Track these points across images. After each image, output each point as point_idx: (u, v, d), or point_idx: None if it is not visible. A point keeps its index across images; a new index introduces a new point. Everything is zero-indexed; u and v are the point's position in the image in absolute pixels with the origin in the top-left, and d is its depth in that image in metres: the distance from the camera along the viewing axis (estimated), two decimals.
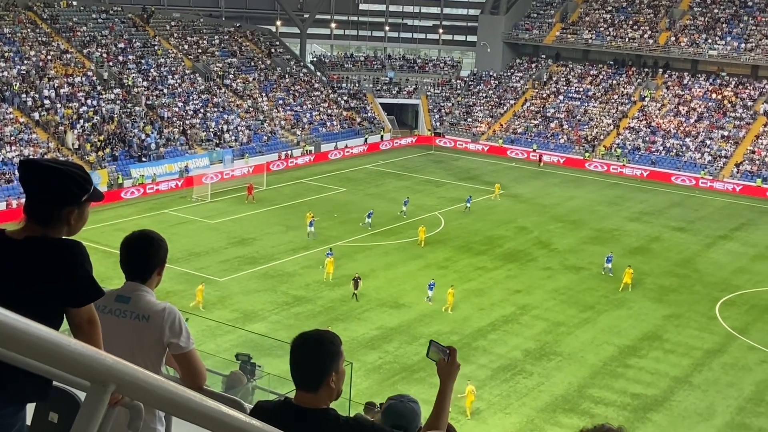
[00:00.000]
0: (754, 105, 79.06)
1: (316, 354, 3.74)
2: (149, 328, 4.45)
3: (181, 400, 2.34)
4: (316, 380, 3.71)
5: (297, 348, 3.76)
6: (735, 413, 32.38)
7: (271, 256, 47.95)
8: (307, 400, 3.71)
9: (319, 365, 3.72)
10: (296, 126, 78.45)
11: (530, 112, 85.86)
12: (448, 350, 4.41)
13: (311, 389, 3.71)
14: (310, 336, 3.79)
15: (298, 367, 3.75)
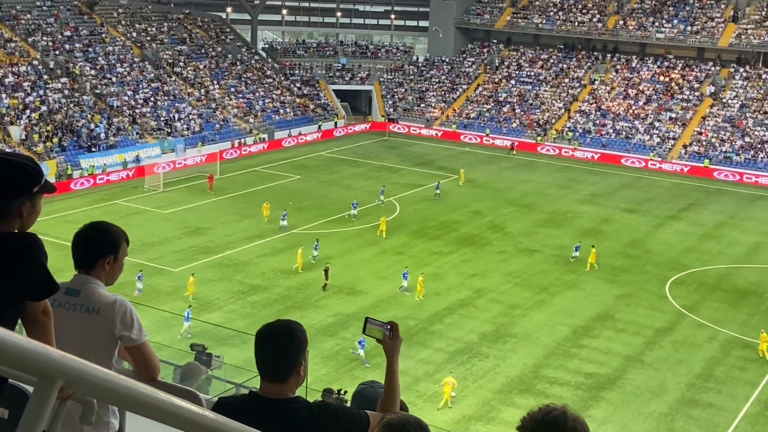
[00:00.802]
0: (700, 87, 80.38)
1: (286, 344, 3.74)
2: (100, 321, 4.42)
3: (130, 393, 2.36)
4: (286, 370, 3.71)
5: (265, 339, 3.74)
6: (685, 389, 33.08)
7: (226, 245, 47.68)
8: (275, 390, 3.71)
9: (288, 355, 3.72)
10: (249, 114, 77.91)
11: (483, 97, 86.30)
12: (388, 325, 4.37)
13: (280, 379, 3.71)
14: (278, 326, 3.78)
15: (266, 358, 3.72)
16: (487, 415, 30.63)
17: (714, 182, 68.08)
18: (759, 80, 79.21)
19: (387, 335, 4.33)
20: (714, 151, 72.54)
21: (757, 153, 71.36)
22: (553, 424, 3.01)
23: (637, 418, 30.77)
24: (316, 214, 53.91)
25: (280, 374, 3.70)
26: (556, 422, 3.02)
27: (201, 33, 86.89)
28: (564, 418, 3.02)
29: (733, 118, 75.62)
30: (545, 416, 3.05)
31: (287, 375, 3.70)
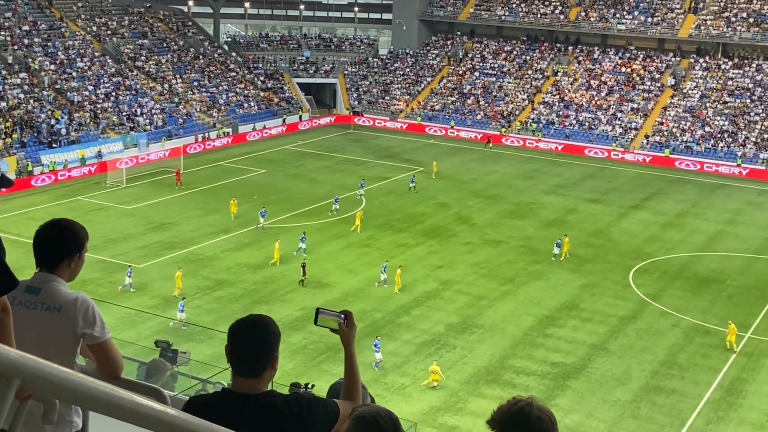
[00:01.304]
0: (661, 77, 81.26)
1: (261, 339, 3.71)
2: (61, 319, 4.37)
3: (90, 391, 2.34)
4: (261, 365, 3.69)
5: (240, 334, 3.70)
6: (649, 377, 33.52)
7: (190, 240, 47.37)
8: (249, 385, 3.68)
9: (263, 350, 3.69)
10: (212, 108, 77.38)
11: (447, 89, 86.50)
12: (342, 314, 4.34)
13: (255, 374, 3.69)
14: (252, 321, 3.75)
15: (241, 353, 3.69)
16: (455, 406, 30.80)
17: (675, 172, 68.93)
18: (718, 71, 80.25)
19: (342, 324, 4.30)
20: (675, 141, 73.41)
21: (717, 142, 72.34)
22: (519, 416, 3.09)
23: (603, 405, 31.13)
24: (282, 207, 53.74)
25: (255, 369, 3.69)
26: (522, 413, 3.09)
27: (162, 27, 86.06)
28: (529, 409, 3.09)
29: (694, 108, 76.57)
30: (511, 408, 3.12)
31: (262, 370, 3.69)
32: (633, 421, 30.19)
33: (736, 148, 71.15)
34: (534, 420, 3.06)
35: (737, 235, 52.11)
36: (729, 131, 73.27)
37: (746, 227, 53.99)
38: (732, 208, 58.56)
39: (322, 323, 4.33)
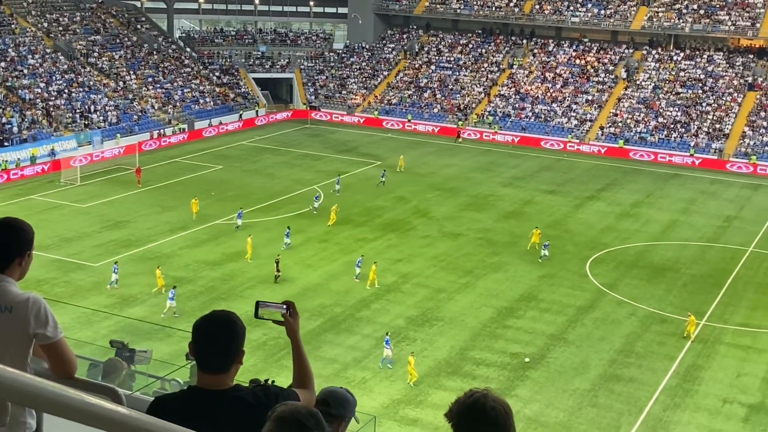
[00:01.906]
0: (614, 69, 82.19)
1: (228, 334, 3.68)
2: (13, 320, 4.30)
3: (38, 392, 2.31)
4: (229, 360, 3.67)
5: (207, 331, 3.67)
6: (607, 365, 33.94)
7: (147, 238, 46.90)
8: (216, 381, 3.66)
9: (230, 345, 3.67)
10: (168, 104, 76.60)
11: (404, 83, 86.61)
12: (285, 305, 4.31)
13: (222, 370, 3.66)
14: (218, 317, 3.72)
15: (208, 350, 3.66)
16: (415, 398, 30.91)
17: (630, 162, 69.79)
18: (670, 62, 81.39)
19: (286, 314, 4.26)
20: (629, 132, 74.34)
21: (671, 133, 73.39)
22: (474, 407, 3.13)
23: (562, 395, 31.45)
24: (239, 204, 53.38)
25: (223, 365, 3.66)
26: (477, 404, 3.13)
27: (115, 22, 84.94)
28: (484, 400, 3.15)
29: (647, 100, 77.58)
30: (467, 400, 3.18)
31: (229, 365, 3.68)
32: (592, 409, 30.56)
33: (689, 138, 72.25)
34: (489, 411, 3.12)
35: (691, 224, 52.95)
36: (682, 122, 74.37)
37: (699, 216, 54.88)
38: (685, 197, 59.48)
39: (265, 316, 4.28)
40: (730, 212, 56.04)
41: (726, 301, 40.74)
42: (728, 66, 79.50)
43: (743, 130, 72.18)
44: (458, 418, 3.15)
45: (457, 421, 3.15)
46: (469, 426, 3.13)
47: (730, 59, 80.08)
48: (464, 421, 3.13)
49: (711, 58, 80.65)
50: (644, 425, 29.62)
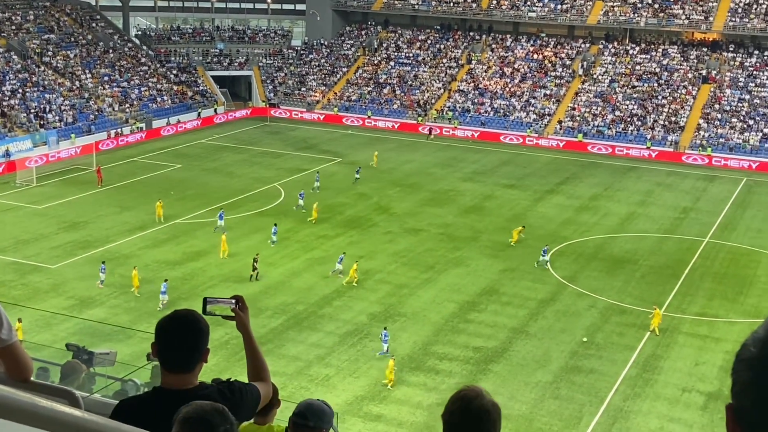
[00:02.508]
0: (572, 64, 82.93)
1: (194, 333, 3.66)
2: None
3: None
4: (194, 359, 3.64)
5: (172, 330, 3.64)
6: (568, 357, 34.27)
7: (106, 238, 46.36)
8: (182, 381, 3.62)
9: (196, 343, 3.64)
10: (125, 103, 75.75)
11: (363, 79, 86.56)
12: (234, 300, 4.28)
13: (187, 369, 3.63)
14: (183, 316, 3.69)
15: (174, 349, 3.62)
16: (379, 394, 30.95)
17: (588, 156, 70.47)
18: (626, 56, 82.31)
19: (236, 309, 4.24)
20: (587, 125, 75.07)
21: (627, 126, 74.25)
22: (470, 407, 3.16)
23: (525, 388, 31.70)
24: (199, 203, 53.04)
25: (188, 364, 3.63)
26: (472, 404, 3.17)
27: (69, 21, 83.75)
28: (480, 401, 3.19)
29: (604, 93, 78.39)
30: (463, 400, 3.19)
31: (194, 364, 3.65)
32: (554, 401, 30.84)
33: (646, 132, 73.17)
34: (483, 412, 3.15)
35: (648, 216, 53.64)
36: (638, 115, 75.28)
37: (657, 208, 55.61)
38: (643, 189, 60.22)
39: (215, 311, 4.24)
40: (687, 204, 56.87)
41: (683, 291, 41.35)
42: (683, 59, 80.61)
43: (698, 123, 73.25)
44: (451, 416, 3.16)
45: (450, 419, 3.17)
46: (463, 426, 3.14)
47: (685, 53, 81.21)
48: (458, 420, 3.15)
49: (666, 51, 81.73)
50: (605, 415, 29.97)
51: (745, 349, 1.83)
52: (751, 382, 1.77)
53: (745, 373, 1.79)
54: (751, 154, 68.98)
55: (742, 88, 76.14)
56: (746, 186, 62.04)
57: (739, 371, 1.81)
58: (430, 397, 30.79)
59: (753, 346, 1.80)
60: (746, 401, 1.78)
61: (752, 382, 1.77)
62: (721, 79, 77.47)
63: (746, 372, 1.79)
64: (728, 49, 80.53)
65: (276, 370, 32.20)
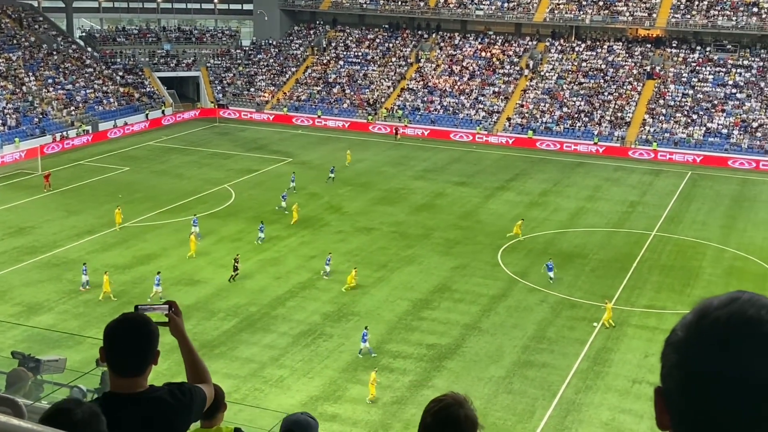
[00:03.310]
0: (519, 61, 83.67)
1: (142, 335, 3.62)
2: None
3: None
4: (145, 362, 3.61)
5: (120, 334, 3.60)
6: (521, 352, 34.59)
7: (53, 243, 45.59)
8: (132, 384, 3.58)
9: (146, 346, 3.60)
10: (70, 105, 74.54)
11: (312, 79, 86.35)
12: (167, 305, 4.26)
13: (138, 372, 3.60)
14: (133, 318, 3.64)
15: (124, 352, 3.58)
16: (334, 394, 30.92)
17: (537, 152, 71.19)
18: (572, 53, 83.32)
19: (170, 314, 4.20)
20: (536, 122, 75.82)
21: (575, 122, 75.16)
22: (449, 417, 3.15)
23: (478, 383, 31.92)
24: (148, 206, 52.42)
25: (139, 367, 3.59)
26: (450, 413, 3.16)
27: (11, 23, 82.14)
28: (458, 410, 3.17)
29: (551, 90, 79.25)
30: (441, 408, 3.18)
31: (145, 367, 3.61)
32: (507, 396, 31.11)
33: (593, 127, 74.13)
34: (462, 421, 3.15)
35: (597, 211, 54.36)
36: (585, 111, 76.24)
37: (605, 202, 56.38)
38: (591, 184, 61.00)
39: None
40: (634, 198, 57.76)
41: (632, 284, 41.99)
42: (628, 56, 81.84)
43: (644, 118, 74.45)
44: (431, 427, 3.16)
45: (426, 425, 3.16)
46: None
47: (630, 49, 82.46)
48: (434, 427, 3.15)
49: (611, 48, 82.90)
50: (558, 408, 30.32)
51: (674, 333, 1.89)
52: (677, 365, 1.84)
53: (671, 356, 1.86)
54: (695, 148, 70.31)
55: (685, 83, 77.57)
56: (691, 179, 63.22)
57: (666, 354, 1.88)
58: (384, 395, 30.84)
59: (680, 330, 1.87)
60: (672, 383, 1.85)
61: (678, 364, 1.84)
62: (665, 75, 78.85)
63: (673, 355, 1.86)
64: (671, 45, 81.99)
65: (229, 373, 31.99)
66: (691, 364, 1.81)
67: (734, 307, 1.81)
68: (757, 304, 1.81)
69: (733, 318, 1.79)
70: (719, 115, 73.41)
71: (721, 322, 1.80)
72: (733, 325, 1.79)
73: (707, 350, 1.79)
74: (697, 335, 1.82)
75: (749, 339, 1.76)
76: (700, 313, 1.84)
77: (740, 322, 1.78)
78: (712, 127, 72.37)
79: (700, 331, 1.82)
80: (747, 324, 1.78)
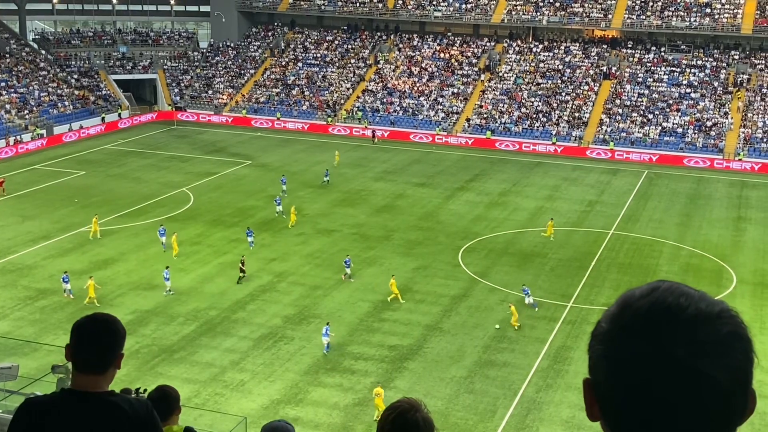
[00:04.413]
0: (478, 62, 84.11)
1: (108, 334, 3.60)
2: None
3: None
4: (107, 361, 3.58)
5: (88, 329, 3.59)
6: (482, 352, 34.72)
7: (7, 249, 44.82)
8: (93, 383, 3.55)
9: (110, 345, 3.59)
10: (24, 109, 73.36)
11: (271, 81, 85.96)
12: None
13: (99, 371, 3.56)
14: (100, 317, 3.65)
15: (89, 349, 3.56)
16: (295, 397, 30.77)
17: (496, 152, 71.58)
18: (530, 53, 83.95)
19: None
20: (494, 122, 76.23)
21: (533, 122, 75.72)
22: (405, 422, 3.19)
23: (440, 383, 31.96)
24: (105, 210, 51.74)
25: (99, 365, 3.57)
26: (407, 418, 3.20)
27: None
28: (414, 414, 3.21)
29: (510, 91, 79.76)
30: (398, 414, 3.21)
31: (106, 366, 3.59)
32: (468, 395, 31.19)
33: (551, 127, 74.74)
34: (420, 424, 3.19)
35: (556, 210, 54.75)
36: (543, 111, 76.84)
37: (563, 202, 56.85)
38: (550, 184, 61.46)
39: None
40: (592, 197, 58.32)
41: (591, 282, 42.37)
42: (584, 56, 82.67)
43: (601, 118, 75.24)
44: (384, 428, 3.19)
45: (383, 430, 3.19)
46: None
47: (586, 50, 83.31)
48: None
49: (568, 49, 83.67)
50: (519, 407, 30.47)
51: (598, 325, 1.93)
52: (603, 356, 1.88)
53: (597, 347, 1.90)
54: (651, 147, 71.22)
55: (641, 83, 78.55)
56: (647, 178, 64.01)
57: (592, 346, 1.92)
58: (346, 397, 30.76)
59: (604, 322, 1.91)
60: (599, 374, 1.89)
61: (603, 355, 1.87)
62: (621, 75, 79.76)
63: (598, 346, 1.89)
64: (627, 46, 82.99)
65: (189, 377, 31.70)
66: (616, 354, 1.84)
67: (654, 296, 1.86)
68: (675, 292, 1.86)
69: (654, 307, 1.84)
70: (674, 115, 74.45)
71: (643, 312, 1.84)
72: (654, 313, 1.83)
73: (631, 340, 1.83)
74: (621, 326, 1.86)
75: (670, 326, 1.81)
76: (623, 304, 1.89)
77: (660, 310, 1.83)
78: (668, 127, 73.37)
79: (623, 322, 1.86)
80: (667, 312, 1.82)
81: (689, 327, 1.80)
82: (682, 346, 1.79)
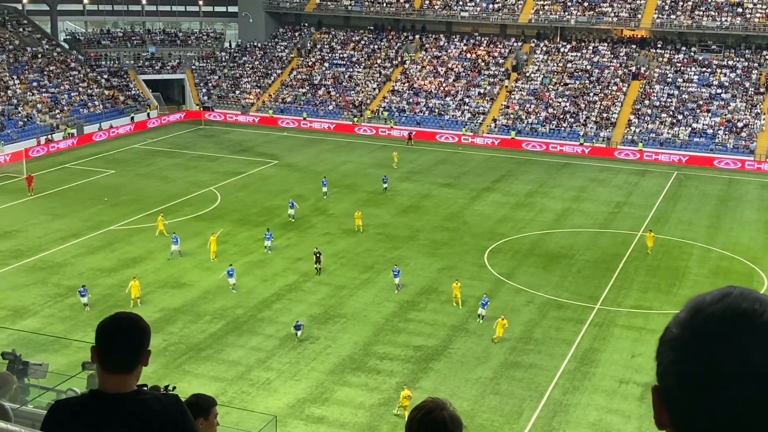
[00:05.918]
0: (504, 62, 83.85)
1: (134, 332, 3.63)
2: None
3: None
4: (135, 359, 3.62)
5: (113, 328, 3.62)
6: (508, 353, 34.64)
7: (38, 247, 45.35)
8: (120, 383, 3.58)
9: (138, 343, 3.61)
10: (55, 108, 74.17)
11: (298, 81, 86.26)
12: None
13: (128, 370, 3.60)
14: (124, 316, 3.67)
15: (115, 348, 3.59)
16: (321, 396, 30.87)
17: (523, 153, 71.33)
18: (557, 54, 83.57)
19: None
20: (521, 123, 75.97)
21: (560, 123, 75.37)
22: (434, 421, 3.20)
23: (465, 384, 31.93)
24: (134, 208, 52.22)
25: (129, 364, 3.59)
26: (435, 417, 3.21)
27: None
28: (442, 414, 3.22)
29: (537, 91, 79.45)
30: (426, 414, 3.22)
31: (135, 364, 3.62)
32: (495, 397, 31.14)
33: (578, 128, 74.36)
34: (448, 423, 3.20)
35: (583, 211, 54.50)
36: (571, 112, 76.46)
37: (591, 203, 56.55)
38: (577, 185, 61.15)
39: None
40: (620, 198, 57.95)
41: (618, 284, 42.12)
42: (613, 56, 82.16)
43: (629, 118, 74.75)
44: (411, 427, 3.20)
45: (410, 429, 3.19)
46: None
47: (615, 50, 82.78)
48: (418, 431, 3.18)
49: (596, 49, 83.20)
50: (545, 409, 30.37)
51: (668, 331, 1.91)
52: (673, 362, 1.85)
53: (667, 353, 1.87)
54: (681, 149, 70.64)
55: (670, 83, 77.94)
56: (677, 180, 63.51)
57: (662, 353, 1.90)
58: (372, 397, 30.82)
59: (674, 328, 1.89)
60: (669, 381, 1.86)
61: (674, 361, 1.85)
62: (650, 76, 79.18)
63: (669, 352, 1.87)
64: (656, 46, 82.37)
65: (216, 375, 31.93)
66: (688, 360, 1.82)
67: (727, 301, 1.84)
68: (749, 298, 1.83)
69: (728, 312, 1.81)
70: (704, 116, 73.79)
71: (716, 317, 1.82)
72: (728, 319, 1.81)
73: (703, 345, 1.81)
74: (693, 331, 1.84)
75: (745, 332, 1.78)
76: (694, 310, 1.86)
77: (735, 315, 1.81)
78: (698, 128, 72.74)
79: (696, 328, 1.84)
80: (742, 317, 1.80)
81: (765, 332, 1.78)
82: (758, 352, 1.76)
